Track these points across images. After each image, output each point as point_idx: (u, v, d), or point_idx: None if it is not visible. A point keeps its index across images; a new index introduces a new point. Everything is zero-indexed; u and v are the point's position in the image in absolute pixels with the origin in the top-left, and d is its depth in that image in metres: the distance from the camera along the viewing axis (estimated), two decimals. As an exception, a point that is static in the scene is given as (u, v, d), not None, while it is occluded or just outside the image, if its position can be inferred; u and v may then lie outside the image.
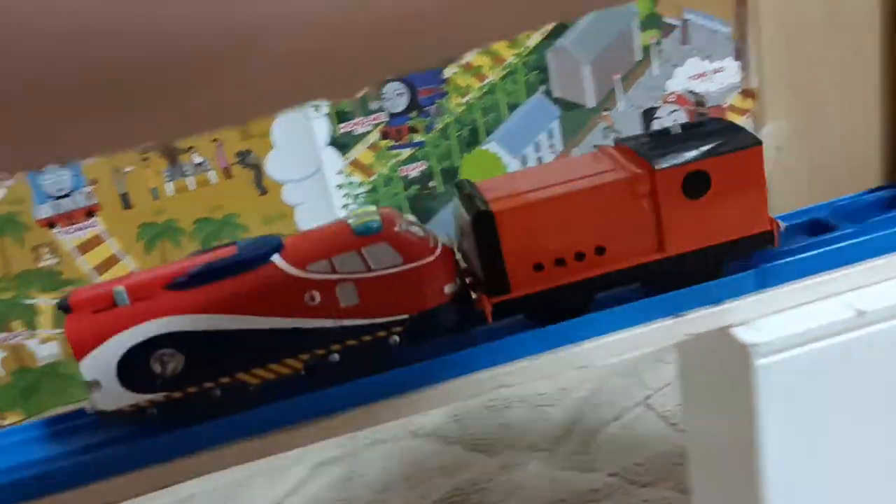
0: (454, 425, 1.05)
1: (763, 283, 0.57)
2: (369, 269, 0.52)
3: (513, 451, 0.98)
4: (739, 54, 1.14)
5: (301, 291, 0.51)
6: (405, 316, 0.53)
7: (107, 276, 0.97)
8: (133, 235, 0.97)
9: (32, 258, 0.95)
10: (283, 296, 0.51)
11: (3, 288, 0.95)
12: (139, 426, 0.53)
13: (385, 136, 1.03)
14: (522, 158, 1.08)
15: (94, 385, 0.50)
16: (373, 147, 1.03)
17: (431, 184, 1.06)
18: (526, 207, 0.52)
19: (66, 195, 0.94)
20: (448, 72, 1.03)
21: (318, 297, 0.51)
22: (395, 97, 1.02)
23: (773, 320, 0.57)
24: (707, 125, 0.57)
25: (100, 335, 0.50)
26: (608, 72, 1.08)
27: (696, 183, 0.53)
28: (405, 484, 0.97)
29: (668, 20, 1.09)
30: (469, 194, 0.53)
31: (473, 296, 0.56)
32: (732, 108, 1.16)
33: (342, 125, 1.01)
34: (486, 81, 1.04)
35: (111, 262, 0.97)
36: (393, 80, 1.01)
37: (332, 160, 1.02)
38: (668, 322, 0.56)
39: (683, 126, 0.56)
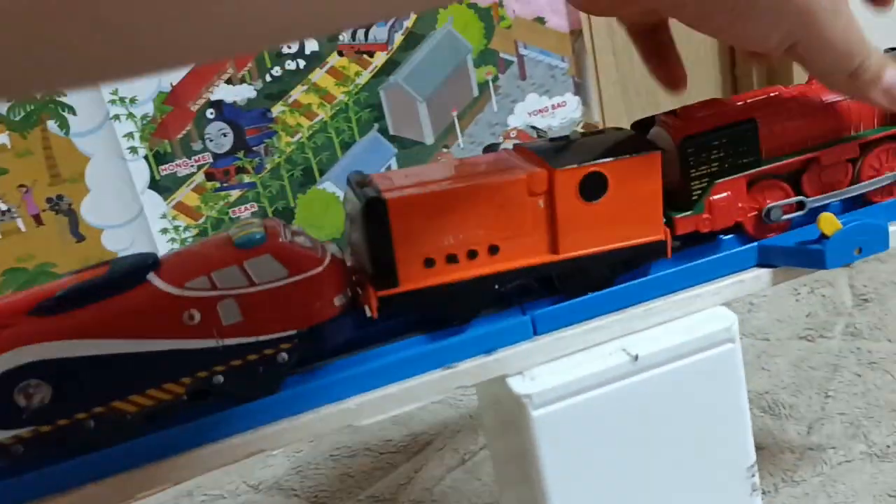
0: (296, 477, 1.00)
1: (537, 330, 0.55)
2: (252, 284, 0.49)
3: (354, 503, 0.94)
4: (578, 88, 1.14)
5: (179, 311, 0.48)
6: (293, 332, 0.50)
7: None
8: (-70, 290, 0.91)
9: None
10: (160, 316, 0.48)
11: None
12: (4, 466, 0.49)
13: (210, 177, 0.99)
14: (360, 198, 1.06)
15: None
16: (198, 189, 0.99)
17: (264, 226, 1.03)
18: (420, 198, 0.50)
19: None
20: (275, 111, 1.00)
21: (197, 315, 0.48)
22: (220, 137, 0.98)
23: (549, 368, 0.55)
24: (606, 133, 0.56)
25: None
26: (445, 108, 1.07)
27: (593, 185, 0.52)
28: (235, 545, 0.92)
29: (504, 56, 1.09)
30: (361, 182, 0.51)
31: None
32: (577, 142, 1.17)
33: (163, 167, 0.97)
34: (316, 120, 1.02)
35: None
36: (214, 121, 0.98)
37: (155, 204, 0.97)
38: (438, 374, 0.54)
39: (583, 133, 0.55)
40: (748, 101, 0.57)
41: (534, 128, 1.13)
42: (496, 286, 0.52)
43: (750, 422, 0.59)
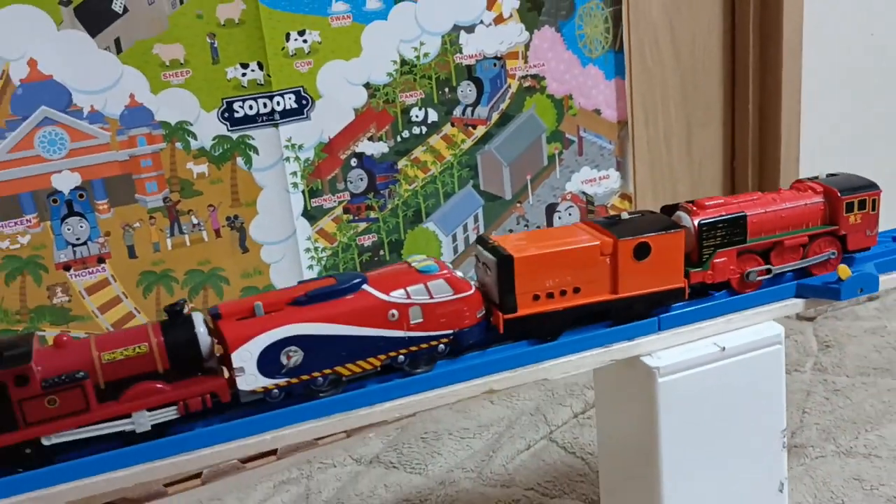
0: (392, 453, 1.25)
1: (661, 327, 0.84)
2: (431, 297, 0.76)
3: (445, 473, 1.19)
4: (620, 166, 1.45)
5: (385, 310, 0.75)
6: (451, 331, 0.78)
7: (108, 316, 1.13)
8: (134, 281, 1.14)
9: (47, 296, 1.10)
10: (373, 313, 0.74)
11: (17, 320, 1.08)
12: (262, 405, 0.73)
13: (347, 211, 1.26)
14: (453, 237, 1.34)
15: (240, 371, 0.70)
16: (336, 219, 1.25)
17: (381, 252, 1.29)
18: (533, 257, 0.79)
19: (83, 243, 1.10)
20: (400, 164, 1.27)
21: (396, 314, 0.75)
22: (357, 180, 1.25)
23: (670, 352, 0.84)
24: (645, 215, 0.87)
25: (246, 335, 0.70)
26: (522, 173, 1.37)
27: (642, 250, 0.82)
28: (357, 499, 1.16)
29: (569, 136, 1.39)
30: (492, 246, 0.80)
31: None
32: (614, 208, 1.47)
33: (314, 200, 1.23)
34: (429, 173, 1.30)
35: (114, 302, 1.13)
36: (355, 168, 1.25)
37: (304, 228, 1.23)
38: (600, 350, 0.82)
39: (630, 213, 0.86)
40: (740, 200, 0.89)
41: (584, 193, 1.44)
42: (577, 315, 0.83)
43: (785, 400, 0.89)
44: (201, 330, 0.70)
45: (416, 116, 1.27)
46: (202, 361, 0.71)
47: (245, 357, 0.70)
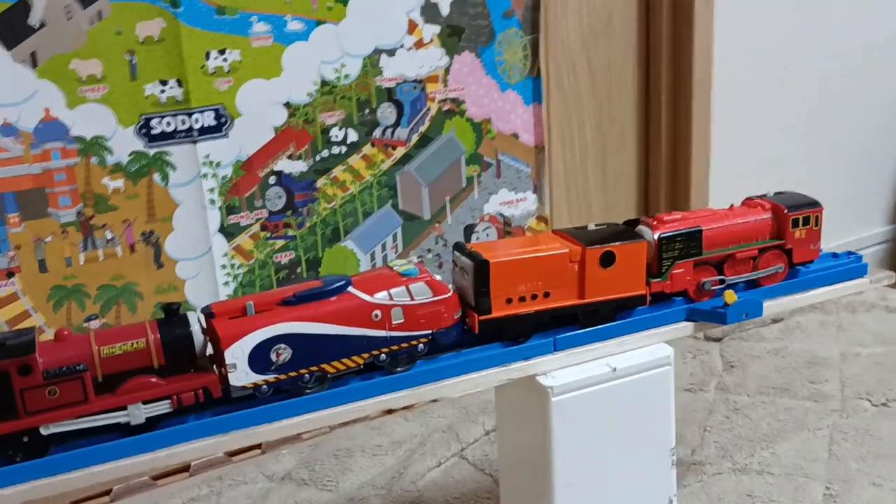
0: (304, 470, 1.26)
1: (556, 348, 0.88)
2: (412, 299, 0.81)
3: (356, 489, 1.21)
4: (536, 189, 1.50)
5: (370, 311, 0.79)
6: (430, 331, 0.82)
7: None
8: (45, 296, 1.13)
9: (-48, 309, 1.09)
10: (358, 313, 0.78)
11: (-79, 334, 1.07)
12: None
13: (264, 228, 1.27)
14: (371, 255, 1.36)
15: (232, 367, 0.74)
16: (253, 237, 1.26)
17: (298, 270, 1.31)
18: (507, 262, 0.84)
19: (-9, 257, 1.10)
20: (320, 182, 1.29)
21: (379, 314, 0.79)
22: (276, 199, 1.27)
23: (564, 372, 0.87)
24: (610, 227, 0.93)
25: (239, 333, 0.74)
26: (441, 193, 1.40)
27: (608, 258, 0.88)
28: (266, 515, 1.17)
29: (487, 159, 1.43)
30: (469, 251, 0.86)
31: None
32: (530, 230, 1.51)
33: (231, 217, 1.24)
34: (348, 192, 1.32)
35: (23, 317, 1.13)
36: (274, 186, 1.26)
37: (220, 245, 1.24)
38: (499, 369, 0.85)
39: (597, 225, 0.93)
40: (696, 216, 0.95)
41: (501, 215, 1.47)
42: (547, 318, 0.88)
43: (674, 419, 0.93)
44: (196, 328, 0.74)
45: (336, 136, 1.29)
46: (195, 358, 0.74)
47: (237, 354, 0.74)
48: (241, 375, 0.74)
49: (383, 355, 0.80)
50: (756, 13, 1.58)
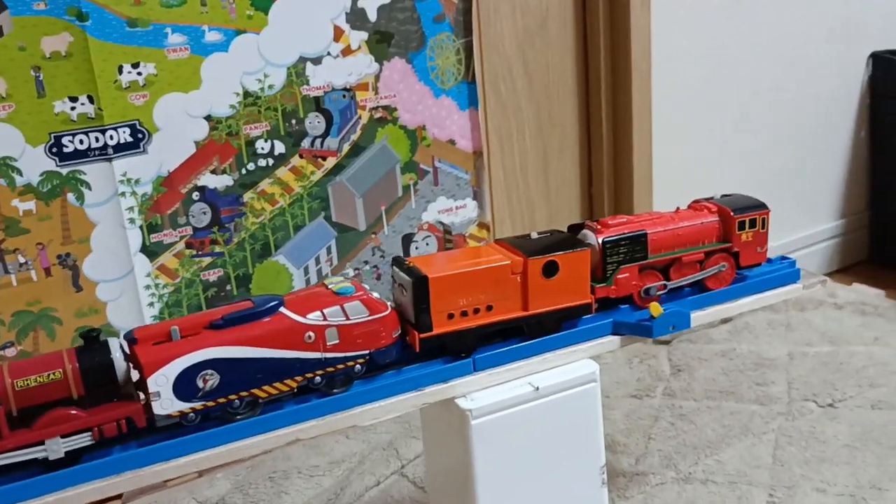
0: (238, 494, 1.22)
1: (476, 368, 0.85)
2: (347, 318, 0.78)
3: (290, 514, 1.17)
4: (476, 195, 1.46)
5: (302, 332, 0.76)
6: (367, 351, 0.79)
7: (-76, 362, 1.07)
8: (-47, 325, 1.09)
9: None
10: (290, 335, 0.75)
11: None
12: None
13: (189, 246, 1.23)
14: (305, 269, 1.32)
15: (156, 395, 0.70)
16: (178, 255, 1.22)
17: (228, 287, 1.26)
18: (447, 277, 0.81)
19: None
20: (246, 197, 1.25)
21: (313, 336, 0.76)
22: (201, 215, 1.23)
23: (484, 393, 0.84)
24: (553, 235, 0.91)
25: (162, 359, 0.70)
26: (376, 203, 1.36)
27: (550, 268, 0.86)
28: (196, 544, 1.12)
29: (424, 167, 1.40)
30: (403, 264, 0.83)
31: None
32: (472, 237, 1.48)
33: (153, 235, 1.19)
34: (277, 206, 1.28)
35: (-70, 348, 1.08)
36: (198, 202, 1.22)
37: (142, 265, 1.19)
38: (414, 394, 0.82)
39: (539, 233, 0.91)
40: (642, 219, 0.92)
41: (441, 223, 1.44)
42: (491, 331, 0.85)
43: (603, 436, 0.90)
44: (117, 355, 0.71)
45: (262, 148, 1.25)
46: (118, 387, 0.71)
47: (161, 381, 0.71)
48: (166, 403, 0.72)
49: (318, 377, 0.78)
50: (691, 14, 1.56)
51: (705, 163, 1.66)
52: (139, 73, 1.14)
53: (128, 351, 0.73)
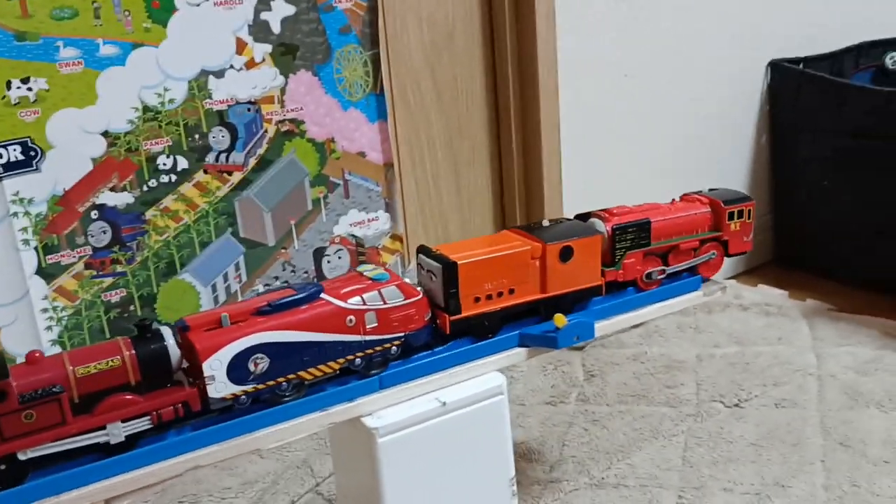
0: (146, 522, 1.18)
1: (382, 385, 0.84)
2: (385, 303, 0.82)
3: (200, 539, 1.14)
4: (388, 207, 1.46)
5: (344, 317, 0.80)
6: (403, 334, 0.84)
7: None
8: None
9: None
10: (332, 320, 0.79)
11: None
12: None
13: (89, 266, 1.18)
14: (213, 287, 1.29)
15: (211, 379, 0.74)
16: (77, 276, 1.17)
17: (131, 307, 1.22)
18: (474, 262, 0.86)
19: None
20: (148, 214, 1.22)
21: (354, 320, 0.80)
22: (100, 233, 1.18)
23: (391, 411, 0.83)
24: (563, 223, 0.96)
25: (216, 345, 0.74)
26: (285, 218, 1.34)
27: (566, 253, 0.92)
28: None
29: (333, 179, 1.38)
30: (436, 254, 0.87)
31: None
32: (385, 249, 1.47)
33: (49, 256, 1.15)
34: (182, 223, 1.24)
35: None
36: (97, 220, 1.18)
37: (39, 287, 1.15)
38: (319, 414, 0.80)
39: (550, 221, 0.96)
40: (643, 209, 1.00)
41: (353, 236, 1.43)
42: (513, 313, 0.91)
43: (512, 448, 0.91)
44: (171, 342, 0.74)
45: (164, 164, 1.22)
46: (171, 373, 0.74)
47: (215, 366, 0.74)
48: (220, 387, 0.75)
49: (358, 359, 0.82)
50: (596, 23, 1.59)
51: (614, 169, 1.69)
52: (29, 89, 1.09)
53: (179, 338, 0.76)
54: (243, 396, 0.76)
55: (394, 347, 0.84)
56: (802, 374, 1.43)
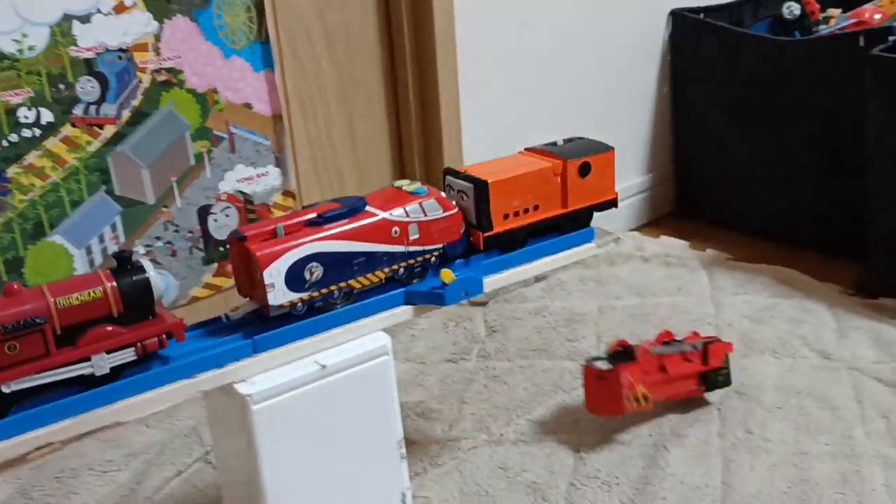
0: (20, 499, 1.11)
1: (256, 350, 0.79)
2: (426, 215, 0.87)
3: (79, 516, 1.07)
4: (279, 162, 1.39)
5: (389, 228, 0.84)
6: (440, 245, 0.89)
7: None
8: None
9: None
10: (378, 230, 0.83)
11: None
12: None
13: (-56, 230, 1.09)
14: (87, 249, 1.21)
15: (271, 287, 0.77)
16: (-69, 240, 1.08)
17: (-5, 274, 1.13)
18: (504, 180, 0.89)
19: None
20: (10, 172, 1.12)
21: (398, 231, 0.84)
22: (-44, 194, 1.09)
23: (265, 376, 0.78)
24: (577, 141, 0.99)
25: (275, 254, 0.77)
26: (165, 174, 1.26)
27: (585, 169, 0.94)
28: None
29: (218, 133, 1.30)
30: (465, 175, 0.90)
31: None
32: (277, 206, 1.41)
33: None
34: (49, 181, 1.15)
35: None
36: (-47, 178, 1.08)
37: None
38: (184, 383, 0.75)
39: (566, 140, 0.99)
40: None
41: (241, 193, 1.35)
42: (538, 228, 0.95)
43: (399, 410, 0.87)
44: (153, 274, 0.73)
45: (26, 118, 1.12)
46: (153, 304, 0.74)
47: (275, 274, 0.77)
48: (279, 294, 0.78)
49: (401, 269, 0.86)
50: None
51: (514, 119, 1.65)
52: None
53: (235, 248, 0.79)
54: (300, 304, 0.80)
55: (433, 258, 0.88)
56: (700, 323, 1.44)
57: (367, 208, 0.84)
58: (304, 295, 0.80)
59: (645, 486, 1.05)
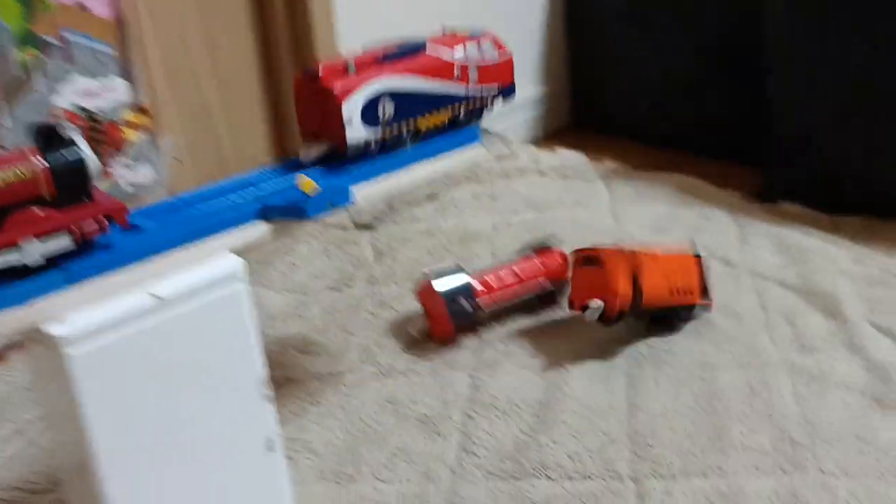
0: None
1: (71, 280, 0.64)
2: (483, 58, 0.86)
3: None
4: (128, 74, 1.21)
5: (452, 68, 0.84)
6: (497, 87, 0.89)
7: None
8: None
9: None
10: (442, 69, 0.83)
11: None
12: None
13: None
14: None
15: (348, 122, 0.77)
16: None
17: None
18: None
19: None
20: None
21: (459, 72, 0.84)
22: None
23: (84, 314, 0.64)
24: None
25: (351, 88, 0.77)
26: (-15, 88, 1.08)
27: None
28: None
29: (48, 39, 1.12)
30: None
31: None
32: (128, 124, 1.23)
33: None
34: None
35: None
36: None
37: None
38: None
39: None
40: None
41: (83, 109, 1.18)
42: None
43: (259, 344, 0.75)
44: (88, 151, 0.65)
45: None
46: (90, 185, 0.65)
47: (352, 108, 0.76)
48: (356, 130, 0.78)
49: (461, 111, 0.86)
50: None
51: (394, 7, 1.51)
52: None
53: (308, 85, 0.79)
54: (373, 144, 0.80)
55: (490, 100, 0.88)
56: (601, 235, 1.36)
57: (429, 49, 0.84)
58: (378, 133, 0.80)
59: (545, 412, 0.97)
